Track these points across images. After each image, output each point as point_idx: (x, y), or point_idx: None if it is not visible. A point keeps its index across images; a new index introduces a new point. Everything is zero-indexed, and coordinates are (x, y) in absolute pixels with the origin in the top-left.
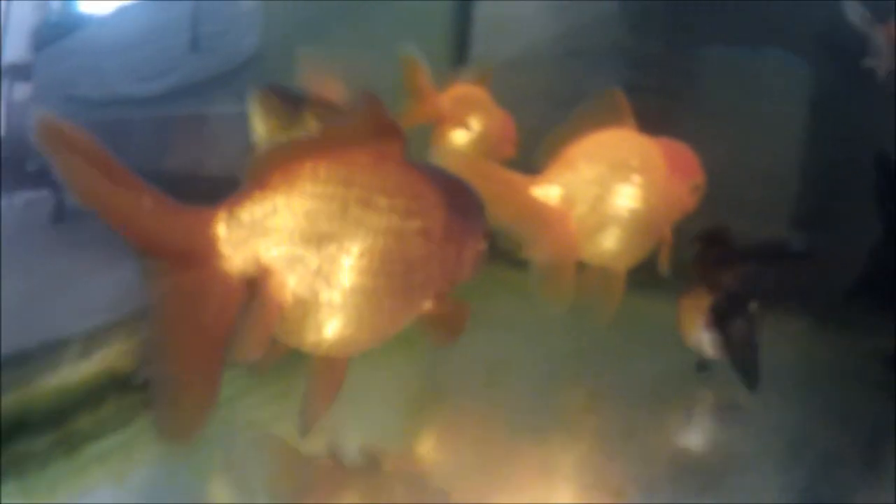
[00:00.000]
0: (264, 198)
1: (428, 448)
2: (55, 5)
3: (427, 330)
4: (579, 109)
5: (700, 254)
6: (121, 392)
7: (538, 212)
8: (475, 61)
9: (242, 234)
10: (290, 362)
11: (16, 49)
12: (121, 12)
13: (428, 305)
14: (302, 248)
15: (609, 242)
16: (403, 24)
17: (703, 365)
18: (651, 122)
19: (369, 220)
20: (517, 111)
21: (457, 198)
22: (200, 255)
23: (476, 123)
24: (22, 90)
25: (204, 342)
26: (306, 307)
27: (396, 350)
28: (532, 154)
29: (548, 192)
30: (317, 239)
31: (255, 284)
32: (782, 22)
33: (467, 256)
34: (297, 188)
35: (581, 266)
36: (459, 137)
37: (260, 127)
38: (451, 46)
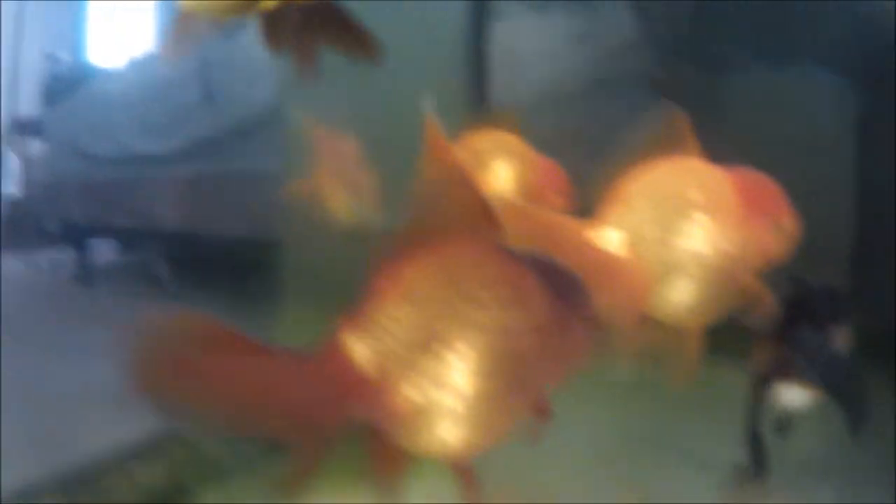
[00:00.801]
0: (376, 307)
1: None
2: (65, 58)
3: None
4: (634, 137)
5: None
6: None
7: (595, 260)
8: (496, 104)
9: (358, 345)
10: None
11: (26, 104)
12: (131, 65)
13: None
14: (413, 354)
15: (676, 294)
16: (417, 68)
17: (784, 424)
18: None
19: (475, 316)
20: (544, 152)
21: (556, 279)
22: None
23: (508, 173)
24: (36, 147)
25: (310, 444)
26: (421, 412)
27: None
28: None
29: (604, 236)
30: (426, 341)
31: (368, 392)
32: (813, 42)
33: (576, 340)
34: (404, 293)
35: (652, 322)
36: (494, 183)
37: None
38: (468, 89)
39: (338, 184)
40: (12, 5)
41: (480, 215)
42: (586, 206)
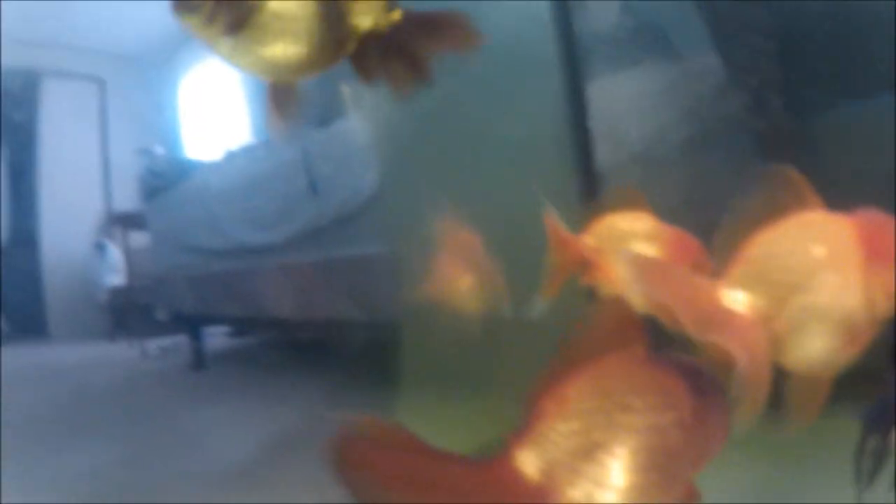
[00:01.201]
0: (543, 427)
1: None
2: (159, 154)
3: None
4: (747, 196)
5: None
6: None
7: (725, 320)
8: (601, 168)
9: (528, 457)
10: None
11: (124, 199)
12: (230, 158)
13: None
14: (577, 461)
15: (805, 349)
16: (519, 148)
17: None
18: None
19: (630, 422)
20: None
21: (696, 377)
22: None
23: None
24: (138, 239)
25: None
26: None
27: None
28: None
29: (732, 297)
30: (588, 450)
31: (538, 497)
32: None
33: (716, 434)
34: (567, 410)
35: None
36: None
37: None
38: (571, 160)
39: (463, 271)
40: (97, 101)
41: (628, 330)
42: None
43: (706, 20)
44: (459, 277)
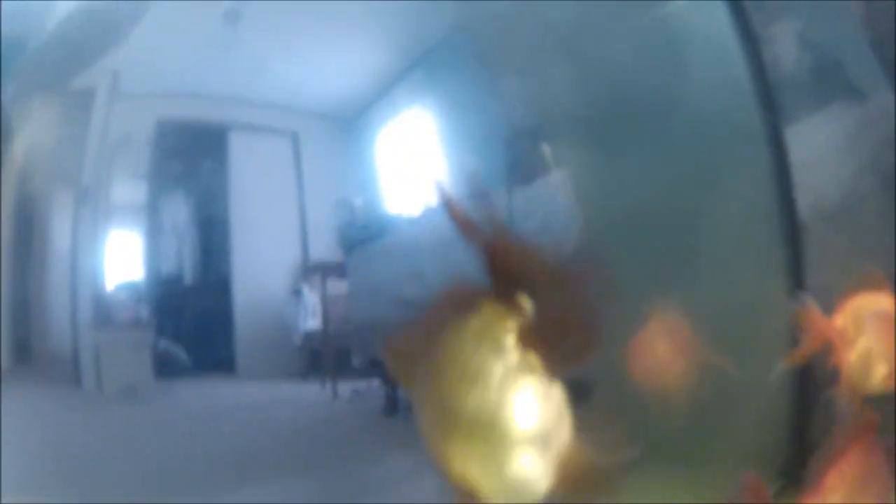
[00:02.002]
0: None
1: None
2: (358, 206)
3: None
4: None
5: None
6: None
7: None
8: (803, 220)
9: None
10: None
11: (320, 248)
12: (431, 213)
13: None
14: None
15: None
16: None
17: None
18: None
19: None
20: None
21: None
22: None
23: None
24: (336, 287)
25: None
26: None
27: None
28: None
29: None
30: None
31: None
32: None
33: None
34: (847, 489)
35: None
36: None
37: None
38: (778, 226)
39: (671, 356)
40: (291, 154)
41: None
42: None
43: (880, 56)
44: (666, 361)
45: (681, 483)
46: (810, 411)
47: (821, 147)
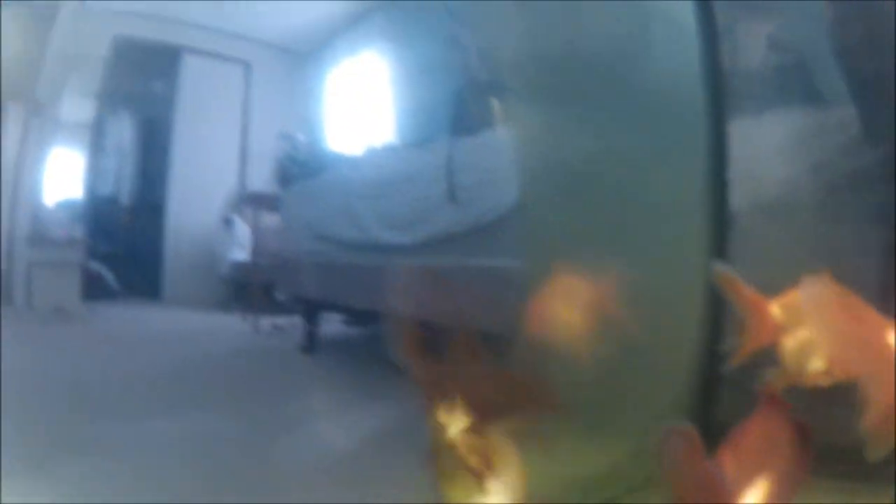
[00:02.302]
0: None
1: None
2: (301, 142)
3: None
4: None
5: None
6: None
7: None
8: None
9: None
10: None
11: (258, 180)
12: (372, 156)
13: None
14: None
15: None
16: (657, 185)
17: None
18: None
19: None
20: (777, 262)
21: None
22: None
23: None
24: (268, 220)
25: None
26: None
27: None
28: None
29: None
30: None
31: None
32: None
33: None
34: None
35: None
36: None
37: None
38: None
39: (574, 313)
40: (242, 83)
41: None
42: None
43: (845, 69)
44: (569, 318)
45: (591, 437)
46: (718, 382)
47: (771, 143)
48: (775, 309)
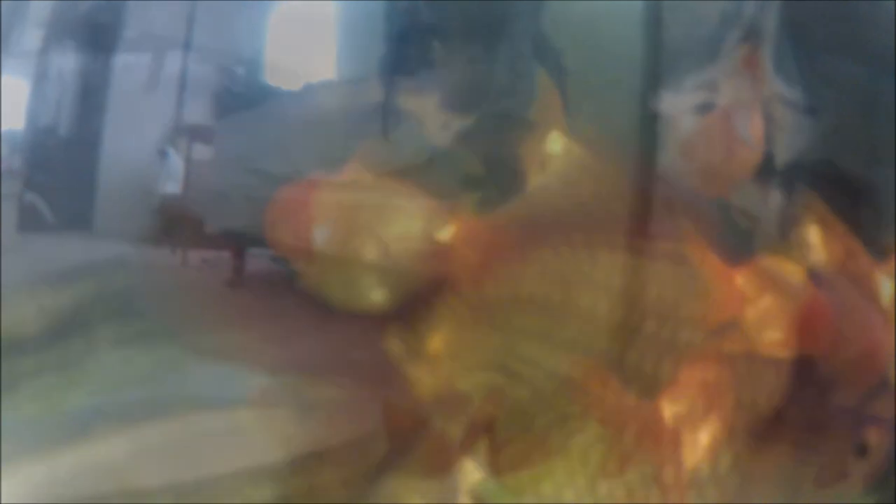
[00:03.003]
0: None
1: None
2: (240, 75)
3: None
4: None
5: None
6: None
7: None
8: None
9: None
10: None
11: (196, 111)
12: (309, 90)
13: None
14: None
15: None
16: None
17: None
18: None
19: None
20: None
21: None
22: None
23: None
24: (202, 152)
25: None
26: None
27: None
28: None
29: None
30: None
31: None
32: None
33: None
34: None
35: None
36: None
37: None
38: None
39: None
40: (185, 6)
41: None
42: None
43: (796, 53)
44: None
45: None
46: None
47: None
48: (740, 279)
